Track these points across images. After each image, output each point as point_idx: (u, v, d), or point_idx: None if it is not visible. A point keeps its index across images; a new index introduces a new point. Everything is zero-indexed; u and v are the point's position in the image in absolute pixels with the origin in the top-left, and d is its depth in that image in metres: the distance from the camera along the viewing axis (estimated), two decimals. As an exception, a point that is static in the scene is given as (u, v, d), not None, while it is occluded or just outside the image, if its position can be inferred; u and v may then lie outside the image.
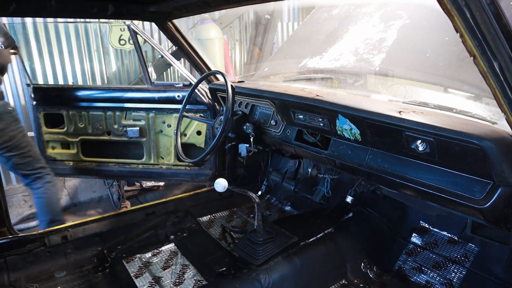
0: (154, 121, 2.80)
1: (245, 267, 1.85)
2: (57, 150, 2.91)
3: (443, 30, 1.95)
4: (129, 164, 2.90)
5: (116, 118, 2.79)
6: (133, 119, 2.81)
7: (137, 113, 2.79)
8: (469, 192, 1.29)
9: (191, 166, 2.87)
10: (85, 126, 2.81)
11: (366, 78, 2.31)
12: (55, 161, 2.90)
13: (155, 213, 2.44)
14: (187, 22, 5.14)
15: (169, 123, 2.80)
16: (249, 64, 5.57)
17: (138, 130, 2.78)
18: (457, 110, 1.49)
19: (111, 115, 2.79)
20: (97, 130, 2.82)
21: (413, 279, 1.96)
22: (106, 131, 2.83)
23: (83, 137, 2.84)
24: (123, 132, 2.81)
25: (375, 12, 2.45)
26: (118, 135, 2.82)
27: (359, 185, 2.21)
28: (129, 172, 2.94)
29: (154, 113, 2.78)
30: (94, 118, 2.79)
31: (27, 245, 1.98)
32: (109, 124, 2.81)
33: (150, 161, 2.89)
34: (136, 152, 2.92)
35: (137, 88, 2.91)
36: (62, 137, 2.84)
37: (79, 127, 2.81)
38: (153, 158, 2.88)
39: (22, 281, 1.85)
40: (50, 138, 2.86)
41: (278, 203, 2.78)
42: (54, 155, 2.90)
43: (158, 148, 2.87)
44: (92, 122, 2.80)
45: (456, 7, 0.83)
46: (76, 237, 2.13)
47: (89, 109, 2.78)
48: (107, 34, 4.51)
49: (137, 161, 2.89)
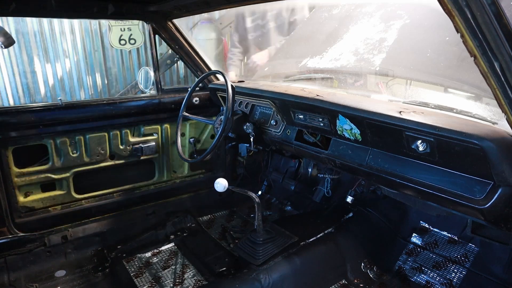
0: (167, 132, 2.52)
1: (245, 267, 1.85)
2: (35, 196, 2.16)
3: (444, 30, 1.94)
4: (139, 188, 2.51)
5: (122, 137, 2.37)
6: (144, 134, 2.45)
7: (149, 127, 2.44)
8: (469, 192, 1.29)
9: (204, 172, 2.73)
10: (81, 155, 2.25)
11: (366, 78, 2.31)
12: (32, 211, 2.15)
13: (155, 213, 2.44)
14: (187, 22, 5.14)
15: (183, 132, 2.59)
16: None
17: (155, 145, 2.44)
18: (458, 110, 1.49)
19: (116, 135, 2.35)
20: (98, 156, 2.31)
21: (413, 279, 1.96)
22: (109, 155, 2.36)
23: (77, 169, 2.27)
24: (131, 152, 2.40)
25: (375, 12, 2.45)
26: (124, 157, 2.40)
27: (359, 185, 2.21)
28: (139, 198, 2.50)
29: (168, 123, 2.47)
30: (93, 141, 2.27)
31: (27, 245, 1.98)
32: (113, 146, 2.35)
33: (162, 178, 2.58)
34: (146, 173, 2.57)
35: (147, 97, 2.46)
36: (44, 176, 2.17)
37: (71, 158, 2.22)
38: (166, 174, 2.58)
39: (22, 281, 1.85)
40: (23, 182, 2.11)
41: (278, 203, 2.78)
42: (31, 204, 2.15)
43: (171, 162, 2.59)
44: (91, 148, 2.27)
45: (457, 7, 0.83)
46: (76, 237, 2.13)
47: (85, 132, 2.24)
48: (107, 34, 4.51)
49: (147, 182, 2.56)
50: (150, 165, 2.55)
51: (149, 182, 2.55)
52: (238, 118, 2.23)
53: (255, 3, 1.92)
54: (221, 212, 2.63)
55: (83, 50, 4.52)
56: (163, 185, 2.55)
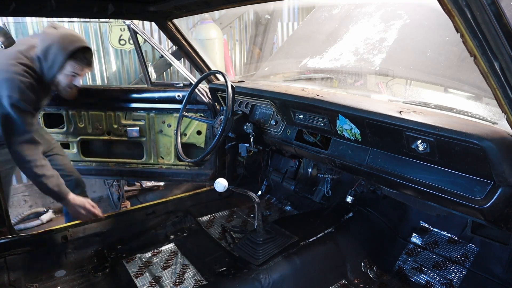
0: (154, 121, 2.79)
1: (245, 267, 1.84)
2: None
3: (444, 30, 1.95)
4: (129, 164, 2.90)
5: (116, 118, 2.78)
6: (133, 119, 2.80)
7: (137, 113, 2.78)
8: (470, 192, 1.29)
9: (191, 166, 2.86)
10: (85, 126, 2.79)
11: (366, 78, 2.31)
12: None
13: (155, 213, 2.44)
14: (187, 22, 5.14)
15: (169, 123, 2.79)
16: (249, 64, 5.57)
17: (138, 130, 2.78)
18: (458, 110, 1.49)
19: (111, 115, 2.77)
20: (97, 130, 2.81)
21: (413, 279, 1.96)
22: (106, 131, 2.81)
23: (83, 137, 2.82)
24: (123, 132, 2.80)
25: (375, 12, 2.45)
26: (118, 135, 2.81)
27: (359, 185, 2.21)
28: (129, 172, 2.93)
29: (154, 113, 2.77)
30: (94, 118, 2.78)
31: (27, 245, 1.98)
32: (109, 124, 2.79)
33: (150, 161, 2.88)
34: (136, 152, 2.91)
35: (137, 88, 2.90)
36: (61, 137, 2.82)
37: (78, 127, 2.79)
38: (153, 158, 2.88)
39: (22, 281, 1.84)
40: None
41: (278, 203, 2.78)
42: None
43: (158, 148, 2.86)
44: (92, 122, 2.79)
45: (457, 7, 0.83)
46: (76, 237, 2.13)
47: (89, 109, 2.76)
48: (107, 34, 4.51)
49: (137, 161, 2.88)
50: (139, 147, 2.90)
51: (138, 161, 2.89)
52: (238, 118, 2.23)
53: (255, 3, 1.92)
54: (221, 212, 2.63)
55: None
56: (150, 167, 2.90)
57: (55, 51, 1.93)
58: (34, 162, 1.91)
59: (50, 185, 1.96)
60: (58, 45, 1.92)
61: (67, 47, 1.92)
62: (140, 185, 4.23)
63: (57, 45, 1.92)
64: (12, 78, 1.87)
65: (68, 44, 1.93)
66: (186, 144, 2.81)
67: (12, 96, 1.84)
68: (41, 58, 1.94)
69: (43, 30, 2.06)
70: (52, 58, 1.93)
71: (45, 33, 2.00)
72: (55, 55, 1.93)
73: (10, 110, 1.85)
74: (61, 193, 2.00)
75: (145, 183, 4.18)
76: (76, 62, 1.97)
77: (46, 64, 1.95)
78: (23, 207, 3.95)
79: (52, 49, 1.92)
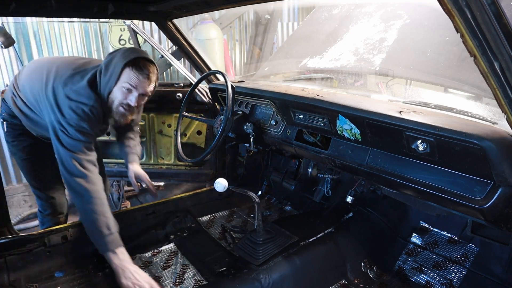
0: (154, 121, 2.79)
1: (245, 267, 1.84)
2: None
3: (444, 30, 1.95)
4: None
5: None
6: None
7: None
8: (470, 192, 1.29)
9: (191, 166, 2.86)
10: None
11: (366, 78, 2.31)
12: None
13: (155, 213, 2.44)
14: (187, 22, 5.14)
15: (169, 123, 2.79)
16: (249, 64, 5.57)
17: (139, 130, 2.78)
18: (458, 110, 1.49)
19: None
20: None
21: (413, 279, 1.96)
22: (106, 132, 2.81)
23: None
24: None
25: (375, 12, 2.45)
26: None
27: (359, 185, 2.21)
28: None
29: (154, 113, 2.76)
30: None
31: (27, 245, 1.97)
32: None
33: (150, 161, 2.88)
34: None
35: None
36: None
37: None
38: (153, 158, 2.87)
39: (22, 281, 1.84)
40: None
41: (278, 203, 2.78)
42: None
43: (158, 148, 2.86)
44: None
45: (457, 7, 0.83)
46: (76, 237, 2.12)
47: None
48: (107, 34, 4.51)
49: None
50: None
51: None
52: (238, 118, 2.23)
53: (255, 3, 1.92)
54: (221, 212, 2.63)
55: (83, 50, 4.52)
56: (150, 167, 2.88)
57: (115, 61, 1.77)
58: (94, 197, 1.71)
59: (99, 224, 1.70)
60: (120, 55, 1.78)
61: (127, 56, 1.77)
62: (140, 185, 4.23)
63: (119, 55, 1.78)
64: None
65: (130, 54, 1.78)
66: (186, 144, 2.81)
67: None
68: (102, 71, 1.80)
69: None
70: (112, 68, 1.77)
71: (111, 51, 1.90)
72: (115, 64, 1.77)
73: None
74: (108, 243, 1.70)
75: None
76: (132, 70, 1.76)
77: (105, 77, 1.78)
78: (23, 207, 3.95)
79: (114, 60, 1.78)
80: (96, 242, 1.72)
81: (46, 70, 1.86)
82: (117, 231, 1.74)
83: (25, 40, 4.13)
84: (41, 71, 1.89)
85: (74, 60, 1.96)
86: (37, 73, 1.92)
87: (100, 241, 1.69)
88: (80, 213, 1.75)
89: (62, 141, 1.72)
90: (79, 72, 1.83)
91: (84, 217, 1.74)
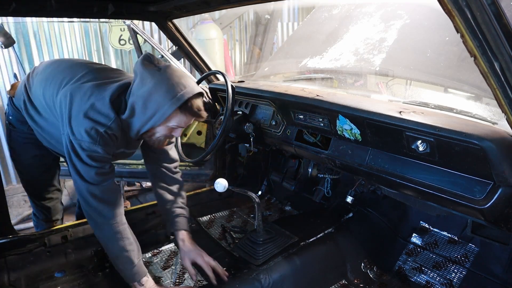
0: None
1: (245, 267, 1.84)
2: None
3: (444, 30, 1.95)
4: (129, 164, 2.88)
5: None
6: None
7: None
8: (470, 192, 1.29)
9: (191, 166, 2.86)
10: None
11: (366, 78, 2.31)
12: None
13: (155, 213, 2.43)
14: (187, 22, 5.14)
15: None
16: (249, 64, 5.57)
17: None
18: (458, 110, 1.49)
19: None
20: None
21: (413, 279, 1.96)
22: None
23: None
24: None
25: (375, 12, 2.45)
26: None
27: (359, 185, 2.21)
28: (128, 173, 2.91)
29: None
30: None
31: (27, 245, 1.97)
32: None
33: None
34: (136, 153, 2.89)
35: None
36: None
37: None
38: None
39: (22, 281, 1.84)
40: None
41: (278, 203, 2.78)
42: None
43: None
44: None
45: (457, 7, 0.83)
46: (76, 237, 2.12)
47: None
48: (107, 34, 4.51)
49: (137, 161, 2.87)
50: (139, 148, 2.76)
51: (138, 161, 2.82)
52: (238, 118, 2.23)
53: (255, 3, 1.92)
54: (221, 212, 2.63)
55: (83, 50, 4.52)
56: None
57: (159, 100, 1.45)
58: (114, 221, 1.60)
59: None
60: (164, 92, 1.45)
61: (176, 96, 1.45)
62: (140, 185, 4.24)
63: (163, 91, 1.45)
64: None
65: (178, 91, 1.46)
66: (186, 144, 2.80)
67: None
68: (137, 106, 1.50)
69: (142, 68, 1.49)
70: (155, 108, 1.47)
71: (144, 73, 1.48)
72: (160, 104, 1.46)
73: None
74: (133, 275, 1.62)
75: (145, 183, 4.18)
76: (185, 115, 1.51)
77: (143, 116, 1.50)
78: (23, 207, 3.95)
79: (155, 96, 1.46)
80: (121, 273, 1.65)
81: (70, 75, 1.63)
82: (140, 258, 1.66)
83: (25, 40, 4.13)
84: (61, 74, 1.66)
85: (102, 68, 1.71)
86: (55, 76, 1.68)
87: (124, 273, 1.64)
88: (101, 243, 1.63)
89: (76, 166, 1.52)
90: (104, 83, 1.56)
91: (106, 249, 1.64)
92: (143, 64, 1.49)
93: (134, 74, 1.53)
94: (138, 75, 1.50)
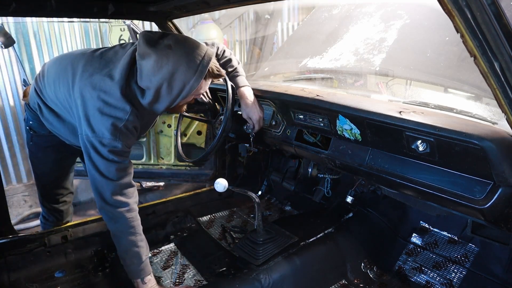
0: None
1: (245, 267, 1.84)
2: None
3: (444, 30, 1.95)
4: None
5: None
6: None
7: None
8: (470, 192, 1.29)
9: (191, 166, 2.86)
10: None
11: (366, 78, 2.31)
12: None
13: (155, 213, 2.44)
14: (187, 22, 5.14)
15: (169, 123, 2.79)
16: (249, 64, 5.57)
17: None
18: (458, 110, 1.49)
19: None
20: None
21: (413, 279, 1.96)
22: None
23: None
24: None
25: (375, 12, 2.45)
26: None
27: (359, 185, 2.21)
28: None
29: None
30: None
31: (27, 245, 1.98)
32: None
33: (150, 161, 2.88)
34: (135, 153, 2.88)
35: None
36: None
37: None
38: (153, 158, 2.87)
39: (22, 281, 1.85)
40: None
41: (278, 203, 2.78)
42: None
43: (158, 148, 2.86)
44: None
45: (457, 7, 0.83)
46: (76, 237, 2.12)
47: None
48: (107, 34, 4.50)
49: (137, 161, 2.87)
50: (139, 147, 2.84)
51: (138, 161, 2.85)
52: (238, 118, 2.23)
53: (255, 3, 1.92)
54: (221, 212, 2.63)
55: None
56: (150, 167, 2.86)
57: (184, 77, 1.46)
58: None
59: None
60: (185, 67, 1.44)
61: (199, 69, 1.47)
62: (140, 185, 4.23)
63: (184, 66, 1.44)
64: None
65: (198, 64, 1.46)
66: (186, 144, 2.81)
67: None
68: (164, 87, 1.47)
69: (150, 50, 1.45)
70: (181, 85, 1.47)
71: (158, 55, 1.44)
72: (185, 80, 1.46)
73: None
74: (138, 271, 1.64)
75: (145, 183, 4.18)
76: (209, 79, 1.56)
77: (170, 95, 1.50)
78: (23, 207, 3.95)
79: (179, 74, 1.45)
80: (126, 268, 1.66)
81: (71, 71, 1.61)
82: (148, 256, 1.67)
83: (25, 40, 4.12)
84: (66, 73, 1.63)
85: (98, 55, 1.65)
86: (60, 76, 1.66)
87: (130, 268, 1.64)
88: (112, 235, 1.64)
89: (96, 163, 1.51)
90: (108, 73, 1.54)
91: (117, 242, 1.64)
92: (148, 45, 1.45)
93: (138, 56, 1.48)
94: (146, 58, 1.45)
